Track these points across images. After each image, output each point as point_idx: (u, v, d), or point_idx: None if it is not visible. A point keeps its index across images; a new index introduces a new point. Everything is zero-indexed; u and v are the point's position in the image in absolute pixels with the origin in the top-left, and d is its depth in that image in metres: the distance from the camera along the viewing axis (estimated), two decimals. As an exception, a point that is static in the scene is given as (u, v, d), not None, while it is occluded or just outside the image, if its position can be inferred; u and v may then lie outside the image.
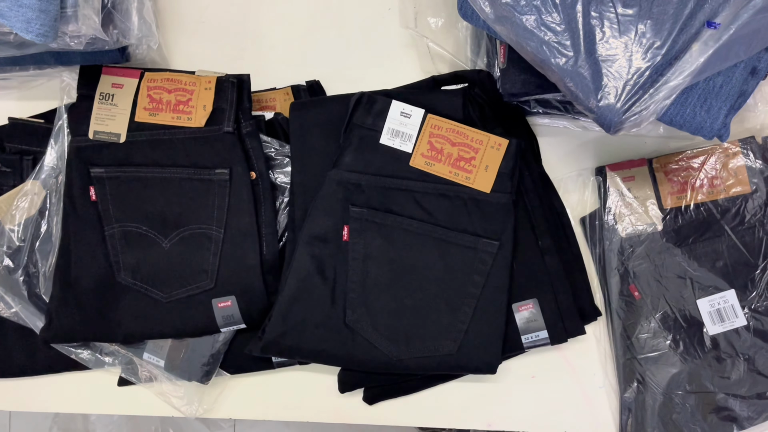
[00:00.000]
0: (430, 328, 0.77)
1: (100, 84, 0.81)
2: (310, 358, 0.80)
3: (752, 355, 0.78)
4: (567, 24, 0.62)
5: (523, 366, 0.82)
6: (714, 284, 0.79)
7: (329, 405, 0.82)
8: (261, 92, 0.85)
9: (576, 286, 0.80)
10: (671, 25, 0.60)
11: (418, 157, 0.77)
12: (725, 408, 0.78)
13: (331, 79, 0.86)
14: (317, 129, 0.80)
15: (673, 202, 0.80)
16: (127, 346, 0.83)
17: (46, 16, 0.66)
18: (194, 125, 0.79)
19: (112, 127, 0.80)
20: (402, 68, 0.85)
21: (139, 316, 0.80)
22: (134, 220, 0.81)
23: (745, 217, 0.79)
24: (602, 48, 0.61)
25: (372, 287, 0.77)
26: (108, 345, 0.83)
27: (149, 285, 0.80)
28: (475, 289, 0.77)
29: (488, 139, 0.76)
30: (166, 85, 0.80)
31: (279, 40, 0.87)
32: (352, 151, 0.77)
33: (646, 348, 0.80)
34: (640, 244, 0.80)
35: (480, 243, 0.76)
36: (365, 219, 0.77)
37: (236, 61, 0.87)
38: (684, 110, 0.65)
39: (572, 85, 0.62)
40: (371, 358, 0.78)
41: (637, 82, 0.60)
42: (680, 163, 0.80)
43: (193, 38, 0.88)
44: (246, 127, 0.80)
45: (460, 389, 0.82)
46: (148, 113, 0.80)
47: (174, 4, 0.88)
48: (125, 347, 0.83)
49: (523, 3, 0.62)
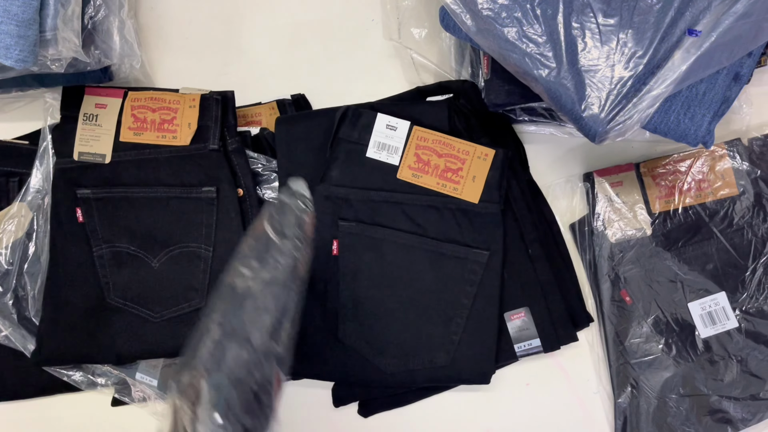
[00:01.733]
0: (422, 341, 0.77)
1: (84, 104, 0.80)
2: (302, 374, 0.79)
3: (745, 357, 0.78)
4: (549, 35, 0.62)
5: (518, 374, 0.82)
6: (704, 287, 0.79)
7: (324, 419, 0.82)
8: (246, 107, 0.85)
9: (567, 293, 0.80)
10: (652, 34, 0.60)
11: (405, 170, 0.77)
12: (720, 410, 0.78)
13: (317, 92, 0.86)
14: (303, 143, 0.80)
15: (662, 206, 0.80)
16: (120, 366, 0.82)
17: (25, 42, 0.65)
18: (179, 144, 0.79)
19: (96, 148, 0.79)
20: (387, 80, 0.85)
21: (130, 337, 0.80)
22: (122, 240, 0.80)
23: (734, 219, 0.79)
24: (584, 58, 0.61)
25: (363, 301, 0.77)
26: (100, 366, 0.82)
27: (140, 305, 0.80)
28: (467, 299, 0.76)
29: (475, 150, 0.76)
30: (150, 104, 0.79)
31: (263, 54, 0.87)
32: (339, 165, 0.77)
33: (639, 352, 0.80)
34: (630, 249, 0.80)
35: (470, 253, 0.76)
36: (354, 233, 0.77)
37: (220, 76, 0.87)
38: (668, 118, 0.65)
39: (556, 96, 0.62)
40: (364, 373, 0.78)
41: (620, 92, 0.60)
42: (667, 167, 0.80)
43: (177, 55, 0.87)
44: (232, 144, 0.80)
45: (456, 399, 0.82)
46: (133, 133, 0.79)
47: (156, 22, 0.87)
48: (117, 368, 0.82)
49: (504, 15, 0.62)
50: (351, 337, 0.77)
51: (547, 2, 0.62)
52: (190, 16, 0.88)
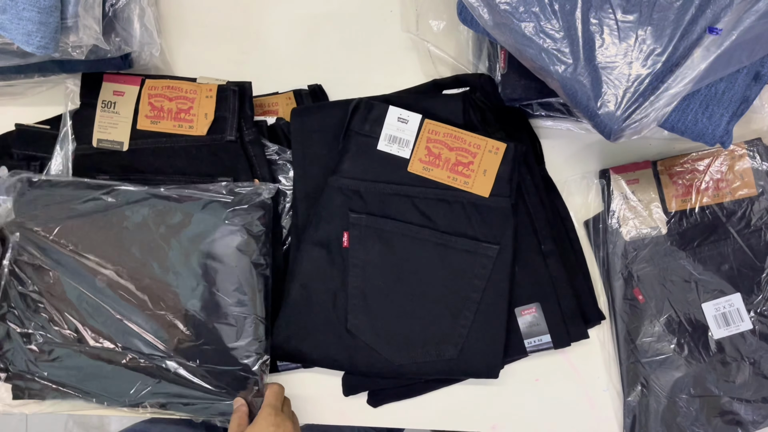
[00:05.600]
0: (431, 333, 0.77)
1: (102, 92, 0.81)
2: (313, 363, 0.80)
3: (758, 359, 0.77)
4: (566, 31, 0.61)
5: (527, 369, 0.82)
6: (719, 288, 0.78)
7: (334, 408, 0.83)
8: (263, 96, 0.85)
9: (579, 289, 0.80)
10: (672, 31, 0.59)
11: (416, 163, 0.77)
12: (730, 412, 0.78)
13: (334, 83, 0.86)
14: (318, 135, 0.80)
15: (678, 205, 0.79)
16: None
17: (47, 29, 0.66)
18: (196, 134, 0.79)
19: (114, 135, 0.81)
20: (404, 72, 0.85)
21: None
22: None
23: (751, 220, 0.78)
24: (602, 55, 0.60)
25: (373, 293, 0.78)
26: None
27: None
28: (476, 293, 0.76)
29: (486, 144, 0.75)
30: (167, 93, 0.80)
31: (281, 43, 0.87)
32: (350, 157, 0.77)
33: (651, 352, 0.79)
34: (645, 247, 0.80)
35: (480, 247, 0.76)
36: (364, 225, 0.77)
37: (239, 65, 0.87)
38: (685, 117, 0.64)
39: (571, 92, 0.62)
40: (373, 364, 0.78)
41: (637, 90, 0.60)
42: (685, 165, 0.79)
43: (196, 43, 0.88)
44: (249, 135, 0.80)
45: (465, 392, 0.82)
46: (150, 121, 0.80)
47: (176, 10, 0.88)
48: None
49: (522, 10, 0.62)
50: (360, 329, 0.78)
51: (566, -3, 0.61)
52: (209, 5, 0.88)
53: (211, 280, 0.76)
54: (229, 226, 0.76)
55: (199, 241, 0.77)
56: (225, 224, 0.76)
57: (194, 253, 0.77)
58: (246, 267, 0.76)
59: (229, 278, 0.76)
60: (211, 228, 0.77)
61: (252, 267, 0.76)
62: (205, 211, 0.77)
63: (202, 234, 0.77)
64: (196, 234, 0.77)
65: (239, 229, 0.76)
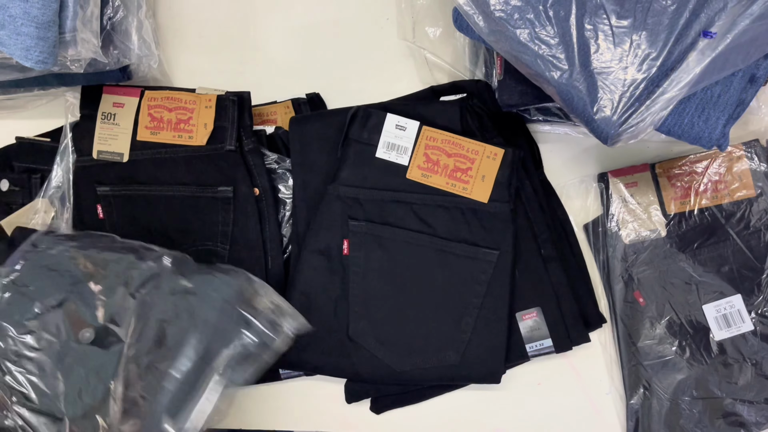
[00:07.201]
0: (432, 339, 0.78)
1: (102, 103, 0.82)
2: (315, 371, 0.81)
3: (760, 360, 0.77)
4: (561, 37, 0.61)
5: (529, 373, 0.82)
6: (720, 289, 0.78)
7: (336, 415, 0.83)
8: (262, 106, 0.86)
9: (580, 293, 0.80)
10: (666, 36, 0.59)
11: (414, 170, 0.77)
12: (733, 413, 0.78)
13: (331, 91, 0.86)
14: (317, 143, 0.80)
15: (677, 208, 0.79)
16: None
17: (45, 44, 0.67)
18: (196, 144, 0.80)
19: (114, 147, 0.81)
20: (401, 79, 0.85)
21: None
22: (141, 237, 0.81)
23: (750, 221, 0.78)
24: (597, 60, 0.60)
25: (373, 300, 0.78)
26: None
27: None
28: (477, 299, 0.77)
29: (484, 149, 0.76)
30: (167, 104, 0.80)
31: (279, 53, 0.88)
32: (349, 165, 0.78)
33: (652, 354, 0.79)
34: (644, 250, 0.80)
35: (480, 253, 0.76)
36: (364, 233, 0.77)
37: (237, 75, 0.88)
38: (681, 120, 0.64)
39: (568, 98, 0.62)
40: (375, 370, 0.78)
41: (633, 94, 0.60)
42: (683, 167, 0.80)
43: (194, 54, 0.88)
44: (248, 144, 0.81)
45: (467, 397, 0.82)
46: (150, 132, 0.81)
47: (174, 21, 0.89)
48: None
49: (517, 17, 0.62)
50: (362, 336, 0.78)
51: (560, 4, 0.61)
52: (207, 16, 0.89)
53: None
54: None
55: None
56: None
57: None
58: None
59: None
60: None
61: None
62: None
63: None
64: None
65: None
